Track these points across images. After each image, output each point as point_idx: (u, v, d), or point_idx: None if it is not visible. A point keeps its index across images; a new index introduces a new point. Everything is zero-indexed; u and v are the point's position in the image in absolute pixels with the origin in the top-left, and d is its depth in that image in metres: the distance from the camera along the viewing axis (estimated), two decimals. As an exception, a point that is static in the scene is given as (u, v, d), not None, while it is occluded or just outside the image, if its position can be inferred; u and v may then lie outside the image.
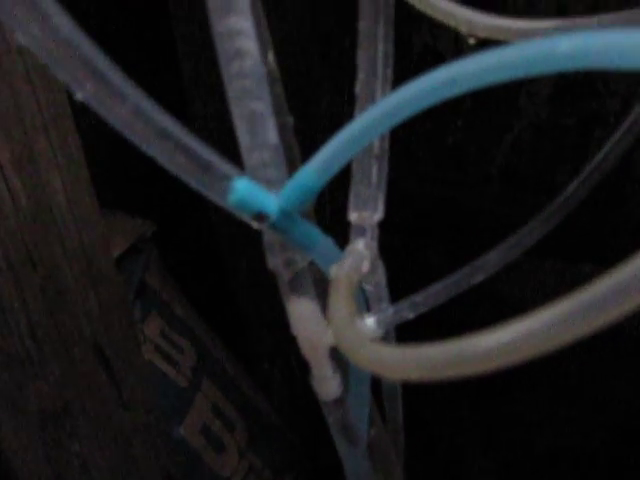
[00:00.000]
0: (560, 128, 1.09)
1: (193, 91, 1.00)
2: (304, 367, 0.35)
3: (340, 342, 0.25)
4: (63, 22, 0.23)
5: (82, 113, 0.25)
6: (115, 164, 1.01)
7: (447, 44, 1.06)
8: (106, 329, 0.68)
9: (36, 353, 0.62)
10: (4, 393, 0.61)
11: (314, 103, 1.03)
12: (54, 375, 0.64)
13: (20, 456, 0.64)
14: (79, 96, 0.23)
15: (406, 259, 1.16)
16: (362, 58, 0.31)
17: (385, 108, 0.25)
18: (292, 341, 0.33)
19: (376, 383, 0.41)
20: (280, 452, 1.07)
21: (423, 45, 1.07)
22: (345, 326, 0.25)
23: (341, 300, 0.26)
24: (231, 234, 1.07)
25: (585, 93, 1.06)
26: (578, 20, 0.30)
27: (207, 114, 0.99)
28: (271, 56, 0.33)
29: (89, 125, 0.79)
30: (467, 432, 1.26)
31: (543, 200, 0.37)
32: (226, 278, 1.09)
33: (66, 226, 0.61)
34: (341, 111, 1.02)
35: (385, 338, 0.37)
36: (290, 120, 0.34)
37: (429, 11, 0.30)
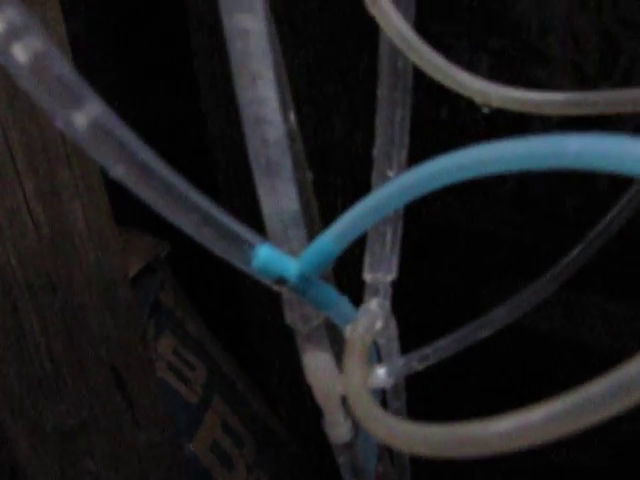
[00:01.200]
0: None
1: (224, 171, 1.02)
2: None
3: (353, 407, 0.26)
4: (96, 106, 0.24)
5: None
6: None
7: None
8: (122, 351, 0.70)
9: (53, 374, 0.64)
10: (22, 412, 0.63)
11: (328, 130, 1.05)
12: (71, 395, 0.66)
13: (37, 473, 0.66)
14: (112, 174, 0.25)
15: (416, 280, 1.17)
16: (380, 123, 0.33)
17: (403, 184, 0.26)
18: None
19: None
20: (288, 467, 1.08)
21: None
22: (358, 392, 0.26)
23: (355, 364, 0.28)
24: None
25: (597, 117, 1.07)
26: (586, 95, 0.31)
27: (234, 186, 1.01)
28: (292, 115, 0.35)
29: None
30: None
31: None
32: (238, 297, 1.10)
33: (86, 252, 0.63)
34: (354, 139, 1.03)
35: (395, 387, 0.38)
36: (309, 176, 0.36)
37: (445, 81, 0.32)
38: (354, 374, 0.27)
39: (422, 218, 1.17)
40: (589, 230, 0.39)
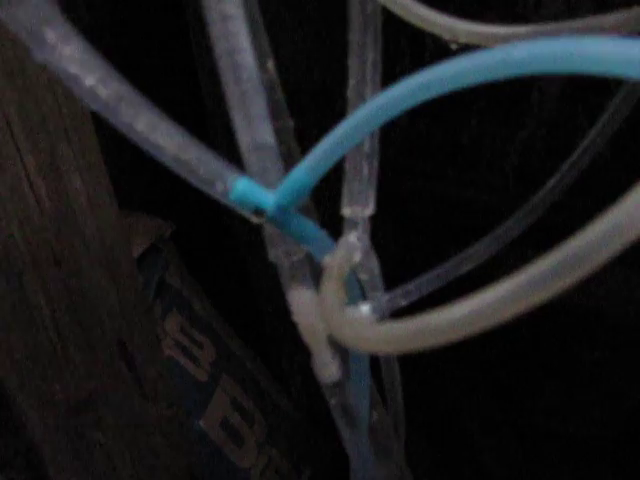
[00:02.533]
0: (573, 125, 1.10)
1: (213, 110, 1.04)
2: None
3: (329, 324, 0.27)
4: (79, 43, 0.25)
5: (104, 120, 0.28)
6: (135, 166, 1.05)
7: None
8: (127, 325, 0.71)
9: (60, 347, 0.66)
10: (30, 385, 0.65)
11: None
12: (78, 369, 0.68)
13: (47, 445, 0.68)
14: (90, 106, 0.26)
15: (418, 257, 1.18)
16: (352, 65, 0.34)
17: (367, 111, 0.28)
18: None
19: (376, 368, 0.43)
20: (299, 445, 1.09)
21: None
22: (333, 310, 0.27)
23: (331, 287, 0.29)
24: (250, 232, 1.10)
25: (596, 90, 1.08)
26: (551, 26, 0.32)
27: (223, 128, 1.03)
28: (271, 64, 0.36)
29: (111, 130, 0.82)
30: (471, 411, 1.27)
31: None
32: (245, 275, 1.12)
33: (88, 226, 0.64)
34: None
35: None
36: (290, 123, 0.37)
37: (413, 20, 0.33)
38: (329, 295, 0.28)
39: (424, 195, 1.18)
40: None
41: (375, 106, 0.27)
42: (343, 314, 0.26)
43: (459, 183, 1.18)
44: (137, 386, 0.74)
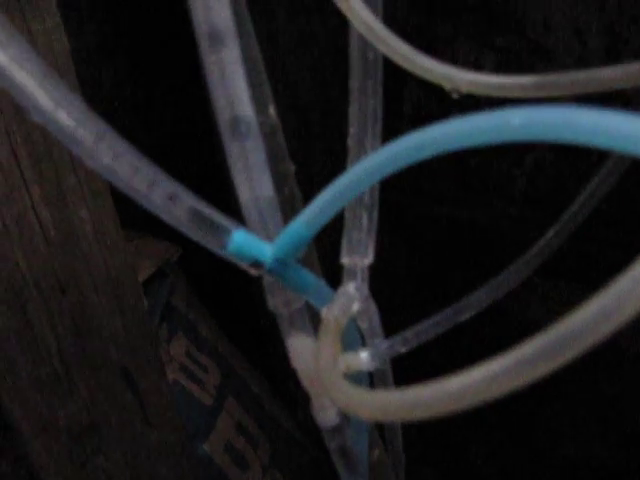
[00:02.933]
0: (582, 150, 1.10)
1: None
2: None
3: (323, 381, 0.27)
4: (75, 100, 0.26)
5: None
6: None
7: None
8: (132, 351, 0.71)
9: (65, 374, 0.66)
10: (35, 412, 0.65)
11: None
12: (82, 395, 0.68)
13: (50, 471, 0.68)
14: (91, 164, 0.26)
15: (427, 279, 1.18)
16: (353, 113, 0.34)
17: (369, 165, 0.28)
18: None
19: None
20: (303, 468, 1.09)
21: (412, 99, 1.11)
22: (327, 366, 0.27)
23: (327, 342, 0.29)
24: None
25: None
26: (553, 77, 0.32)
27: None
28: (272, 109, 0.36)
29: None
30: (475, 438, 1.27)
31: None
32: (251, 297, 1.12)
33: (93, 254, 0.65)
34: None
35: (382, 371, 0.39)
36: (292, 168, 0.37)
37: (413, 69, 0.33)
38: (325, 350, 0.28)
39: (433, 218, 1.18)
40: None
41: (375, 162, 0.27)
42: (337, 376, 0.26)
43: (467, 206, 1.18)
44: (141, 412, 0.74)
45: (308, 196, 0.40)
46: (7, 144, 0.57)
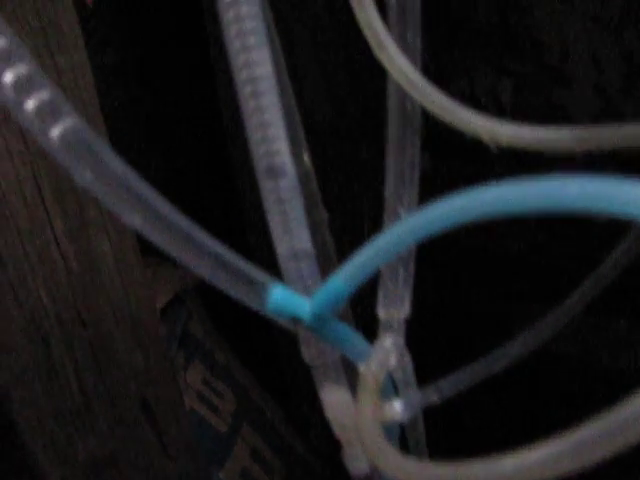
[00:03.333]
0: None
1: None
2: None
3: (364, 442, 0.27)
4: (115, 164, 0.25)
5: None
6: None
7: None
8: (151, 383, 0.71)
9: (84, 407, 0.66)
10: (54, 444, 0.65)
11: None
12: (101, 427, 0.67)
13: (68, 505, 0.67)
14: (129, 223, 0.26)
15: (444, 305, 1.17)
16: (390, 163, 0.34)
17: (409, 226, 0.27)
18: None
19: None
20: (318, 495, 1.08)
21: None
22: (369, 428, 0.27)
23: (366, 399, 0.29)
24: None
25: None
26: (594, 130, 0.32)
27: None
28: (306, 156, 0.36)
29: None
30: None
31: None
32: (267, 324, 1.11)
33: (114, 287, 0.64)
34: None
35: (414, 420, 0.39)
36: (325, 216, 0.37)
37: (452, 120, 0.32)
38: (366, 410, 0.28)
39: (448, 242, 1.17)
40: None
41: (418, 222, 0.27)
42: (378, 435, 0.25)
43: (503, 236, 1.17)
44: (159, 443, 0.73)
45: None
46: (31, 178, 0.57)
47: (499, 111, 1.16)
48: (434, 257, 1.17)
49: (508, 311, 1.12)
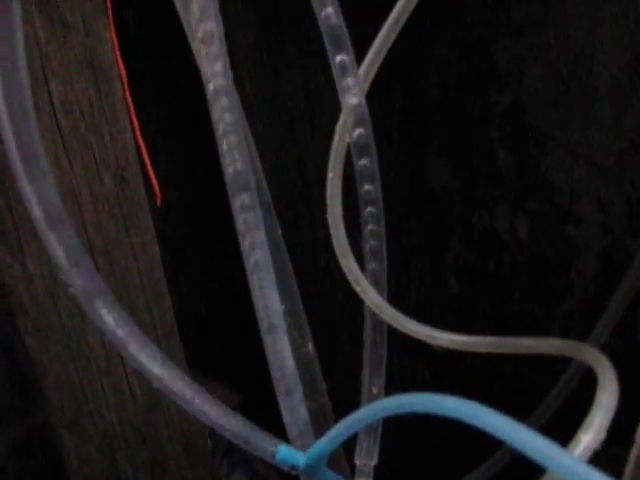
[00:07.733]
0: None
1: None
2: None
3: None
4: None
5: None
6: (205, 338, 1.20)
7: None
8: (197, 491, 0.84)
9: (142, 514, 0.79)
10: None
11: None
12: (155, 530, 0.80)
13: None
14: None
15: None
16: (366, 359, 0.48)
17: (379, 407, 0.41)
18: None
19: None
20: None
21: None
22: None
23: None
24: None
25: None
26: (508, 340, 0.46)
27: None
28: (311, 345, 0.50)
29: (182, 309, 0.99)
30: None
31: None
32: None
33: (169, 408, 0.79)
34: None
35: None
36: (325, 399, 0.51)
37: (405, 330, 0.47)
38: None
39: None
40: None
41: (381, 406, 0.41)
42: None
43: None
44: None
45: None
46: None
47: (519, 246, 1.27)
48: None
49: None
